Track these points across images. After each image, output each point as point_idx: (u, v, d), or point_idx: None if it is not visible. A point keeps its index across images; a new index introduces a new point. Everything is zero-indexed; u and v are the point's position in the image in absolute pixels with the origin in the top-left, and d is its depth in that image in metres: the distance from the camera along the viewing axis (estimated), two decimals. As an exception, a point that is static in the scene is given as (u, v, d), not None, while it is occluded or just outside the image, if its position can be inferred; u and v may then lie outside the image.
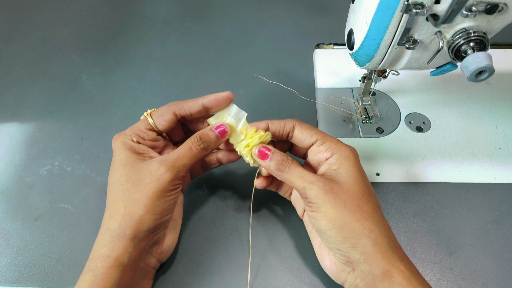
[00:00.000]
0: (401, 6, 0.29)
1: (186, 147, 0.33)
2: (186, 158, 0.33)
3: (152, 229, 0.31)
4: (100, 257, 0.30)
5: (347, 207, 0.29)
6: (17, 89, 0.54)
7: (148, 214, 0.31)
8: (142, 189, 0.31)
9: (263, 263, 0.37)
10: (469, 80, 0.29)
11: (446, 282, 0.36)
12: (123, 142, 0.34)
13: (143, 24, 0.62)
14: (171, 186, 0.32)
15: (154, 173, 0.31)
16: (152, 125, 0.35)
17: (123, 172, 0.32)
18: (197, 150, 0.33)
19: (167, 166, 0.32)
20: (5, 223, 0.41)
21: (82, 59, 0.57)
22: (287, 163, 0.32)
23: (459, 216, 0.40)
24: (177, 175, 0.32)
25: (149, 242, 0.32)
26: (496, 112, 0.48)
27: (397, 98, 0.50)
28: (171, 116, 0.35)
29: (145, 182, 0.31)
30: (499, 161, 0.44)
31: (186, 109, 0.35)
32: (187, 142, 0.33)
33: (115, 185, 0.32)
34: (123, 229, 0.30)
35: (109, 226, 0.31)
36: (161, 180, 0.31)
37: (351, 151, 0.33)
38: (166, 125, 0.35)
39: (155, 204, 0.31)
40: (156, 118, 0.35)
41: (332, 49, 0.57)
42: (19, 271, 0.38)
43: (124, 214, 0.31)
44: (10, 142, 0.48)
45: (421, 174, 0.43)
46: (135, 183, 0.31)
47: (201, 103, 0.35)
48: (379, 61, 0.35)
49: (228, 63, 0.56)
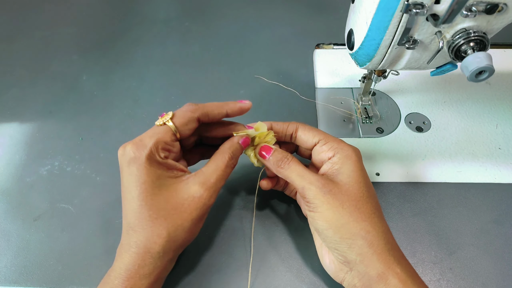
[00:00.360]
0: (401, 6, 0.29)
1: (222, 166, 0.32)
2: (222, 177, 0.32)
3: (185, 243, 0.32)
4: (141, 275, 0.29)
5: (344, 208, 0.29)
6: (17, 89, 0.54)
7: (190, 236, 0.32)
8: (185, 216, 0.30)
9: (264, 263, 0.37)
10: (469, 80, 0.29)
11: (446, 282, 0.36)
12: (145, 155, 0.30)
13: (143, 24, 0.62)
14: (210, 205, 0.32)
15: (198, 199, 0.31)
16: (177, 134, 0.32)
17: (160, 195, 0.30)
18: (230, 168, 0.33)
19: (210, 191, 0.31)
20: (5, 223, 0.41)
21: (82, 59, 0.57)
22: (286, 159, 0.33)
23: (459, 216, 0.40)
24: (216, 194, 0.32)
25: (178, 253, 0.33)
26: (496, 112, 0.48)
27: (397, 98, 0.50)
28: (196, 124, 0.33)
29: (189, 209, 0.30)
30: (499, 161, 0.44)
31: (211, 117, 0.33)
32: (223, 160, 0.32)
33: (151, 208, 0.29)
34: (166, 252, 0.30)
35: (150, 250, 0.29)
36: (206, 205, 0.31)
37: (354, 151, 0.33)
38: (190, 134, 0.33)
39: (197, 226, 0.32)
40: (180, 126, 0.32)
41: (332, 49, 0.57)
42: (19, 271, 0.38)
43: (168, 240, 0.30)
44: (10, 142, 0.48)
45: (421, 174, 0.43)
46: (177, 207, 0.30)
47: (226, 111, 0.34)
48: (379, 61, 0.35)
49: (228, 63, 0.56)
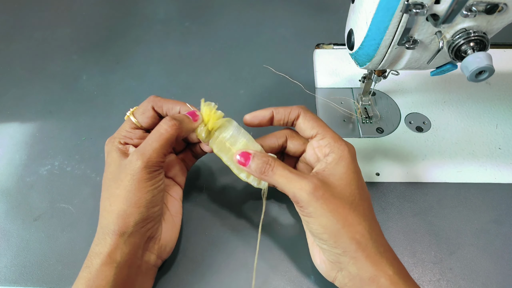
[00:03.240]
0: (401, 6, 0.29)
1: (154, 133, 0.32)
2: (155, 143, 0.31)
3: (139, 223, 0.31)
4: (95, 254, 0.30)
5: (338, 213, 0.29)
6: (17, 89, 0.54)
7: (132, 208, 0.30)
8: (120, 184, 0.31)
9: (263, 263, 0.37)
10: (469, 80, 0.29)
11: (446, 282, 0.36)
12: (111, 145, 0.34)
13: (143, 24, 0.62)
14: (146, 174, 0.31)
15: (128, 166, 0.31)
16: (136, 123, 0.35)
17: (108, 171, 0.33)
18: (166, 132, 0.31)
19: (137, 154, 0.31)
20: (5, 223, 0.41)
21: (82, 59, 0.57)
22: (269, 165, 0.31)
23: (459, 216, 0.40)
24: (150, 162, 0.31)
25: (142, 238, 0.32)
26: (496, 112, 0.48)
27: (397, 98, 0.50)
28: (152, 112, 0.35)
29: (122, 176, 0.31)
30: (499, 161, 0.44)
31: (165, 109, 0.35)
32: (157, 127, 0.32)
33: (103, 185, 0.33)
34: (111, 225, 0.30)
35: (101, 223, 0.31)
36: (135, 171, 0.30)
37: (349, 150, 0.32)
38: (149, 121, 0.35)
39: (136, 197, 0.30)
40: (138, 116, 0.35)
41: (332, 49, 0.57)
42: (19, 271, 0.38)
43: (110, 211, 0.31)
44: (10, 142, 0.48)
45: (421, 174, 0.43)
46: (115, 178, 0.31)
47: (178, 110, 0.35)
48: (379, 61, 0.35)
49: (227, 63, 0.56)
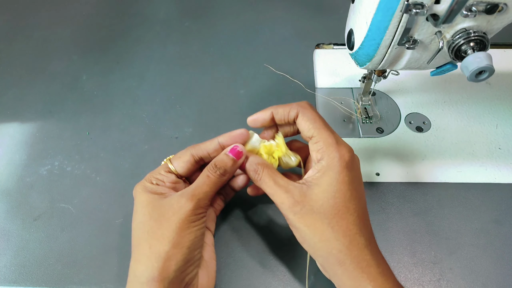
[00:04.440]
0: (401, 6, 0.29)
1: (203, 176, 0.33)
2: (205, 186, 0.32)
3: (181, 266, 0.30)
4: None
5: (315, 228, 0.28)
6: (17, 89, 0.54)
7: (175, 249, 0.29)
8: (165, 224, 0.30)
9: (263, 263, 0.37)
10: (469, 80, 0.29)
11: (446, 282, 0.36)
12: (143, 186, 0.33)
13: (143, 24, 0.62)
14: (194, 215, 0.31)
15: (176, 205, 0.30)
16: (172, 168, 0.34)
17: (145, 212, 0.31)
18: (214, 177, 0.32)
19: (187, 196, 0.31)
20: (5, 223, 0.41)
21: (82, 59, 0.57)
22: (257, 174, 0.31)
23: (459, 216, 0.40)
24: (199, 204, 0.31)
25: (181, 284, 0.30)
26: (496, 112, 0.48)
27: (397, 98, 0.50)
28: (189, 157, 0.34)
29: (167, 216, 0.30)
30: (499, 161, 0.44)
31: (203, 149, 0.34)
32: (204, 171, 0.33)
33: (138, 227, 0.31)
34: (150, 271, 0.29)
35: (136, 272, 0.30)
36: (183, 210, 0.30)
37: (340, 157, 0.30)
38: (185, 167, 0.34)
39: (180, 237, 0.30)
40: (174, 161, 0.35)
41: (332, 49, 0.57)
42: (19, 270, 0.38)
43: (149, 255, 0.29)
44: (10, 142, 0.48)
45: (421, 174, 0.43)
46: (158, 219, 0.30)
47: (217, 142, 0.34)
48: (379, 61, 0.35)
49: (228, 63, 0.56)
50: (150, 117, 0.50)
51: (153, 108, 0.51)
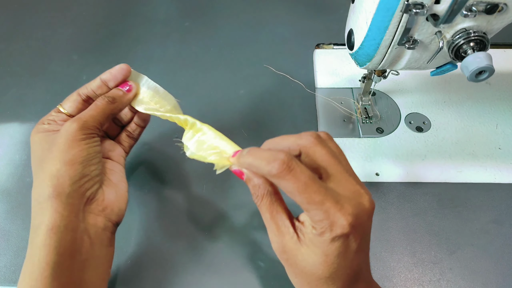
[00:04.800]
0: (401, 6, 0.29)
1: (92, 105, 0.34)
2: (91, 111, 0.34)
3: (76, 181, 0.30)
4: (33, 228, 0.29)
5: (301, 282, 0.26)
6: (17, 89, 0.54)
7: (66, 166, 0.30)
8: (54, 148, 0.31)
9: (263, 263, 0.37)
10: (469, 80, 0.29)
11: (446, 282, 0.36)
12: (36, 129, 0.35)
13: (143, 24, 0.62)
14: (81, 135, 0.32)
15: (62, 130, 0.32)
16: (61, 110, 0.36)
17: (38, 148, 0.33)
18: (102, 103, 0.34)
19: (72, 120, 0.32)
20: (5, 223, 0.41)
21: (82, 59, 0.57)
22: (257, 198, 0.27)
23: (459, 216, 0.40)
24: (85, 125, 0.32)
25: (81, 199, 0.31)
26: (496, 112, 0.48)
27: (397, 98, 0.50)
28: (76, 96, 0.36)
29: (56, 141, 0.32)
30: (499, 161, 0.44)
31: (88, 87, 0.36)
32: (93, 103, 0.35)
33: (34, 163, 0.33)
34: (46, 190, 0.29)
35: (35, 196, 0.31)
36: (69, 131, 0.31)
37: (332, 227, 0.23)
38: (73, 105, 0.36)
39: (70, 154, 0.31)
40: (64, 103, 0.36)
41: (332, 49, 0.57)
42: (19, 270, 0.38)
43: (43, 177, 0.30)
44: (10, 142, 0.48)
45: (421, 174, 0.43)
46: (49, 148, 0.32)
47: (99, 79, 0.36)
48: (379, 61, 0.35)
49: (228, 63, 0.56)
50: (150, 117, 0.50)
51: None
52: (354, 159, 0.44)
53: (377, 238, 0.38)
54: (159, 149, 0.46)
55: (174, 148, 0.46)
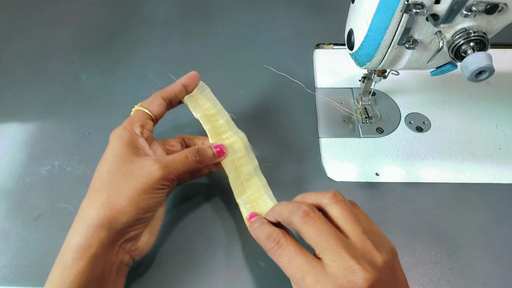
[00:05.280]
0: (401, 6, 0.29)
1: (182, 154, 0.34)
2: (180, 163, 0.33)
3: (131, 222, 0.31)
4: (72, 247, 0.29)
5: None
6: (17, 89, 0.54)
7: (130, 207, 0.30)
8: (130, 181, 0.31)
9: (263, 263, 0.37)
10: (469, 80, 0.29)
11: (446, 282, 0.36)
12: (119, 134, 0.33)
13: (143, 24, 0.62)
14: (160, 184, 0.32)
15: (147, 168, 0.31)
16: (148, 113, 0.36)
17: (115, 163, 0.32)
18: (192, 160, 0.34)
19: (160, 164, 0.32)
20: (5, 223, 0.41)
21: (82, 59, 0.57)
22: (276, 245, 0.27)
23: (459, 216, 0.40)
24: (168, 176, 0.32)
25: (124, 236, 0.31)
26: (496, 112, 0.48)
27: (397, 98, 0.50)
28: (161, 101, 0.36)
29: (135, 175, 0.31)
30: (499, 161, 0.44)
31: (170, 92, 0.37)
32: (185, 151, 0.34)
33: (103, 175, 0.32)
34: (100, 217, 0.29)
35: (85, 215, 0.30)
36: (152, 176, 0.31)
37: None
38: (160, 110, 0.36)
39: (140, 198, 0.31)
40: (149, 107, 0.36)
41: (332, 49, 0.57)
42: (19, 270, 0.38)
43: (105, 203, 0.30)
44: (10, 142, 0.48)
45: (421, 174, 0.43)
46: (125, 174, 0.31)
47: (180, 84, 0.37)
48: (379, 61, 0.35)
49: (228, 63, 0.56)
50: (150, 117, 0.50)
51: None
52: (354, 159, 0.44)
53: (377, 238, 0.38)
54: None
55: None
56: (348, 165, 0.44)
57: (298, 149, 0.46)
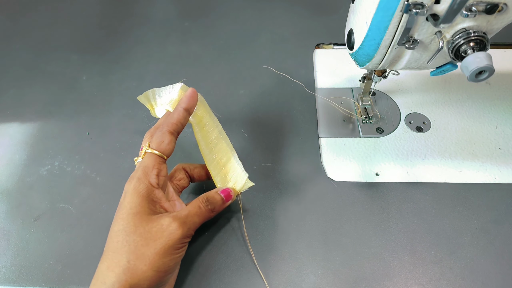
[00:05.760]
0: (401, 6, 0.29)
1: (195, 206, 0.34)
2: (196, 217, 0.33)
3: (152, 287, 0.30)
4: None
5: None
6: (17, 89, 0.54)
7: (152, 271, 0.29)
8: (150, 243, 0.29)
9: (263, 263, 0.37)
10: (469, 80, 0.29)
11: (446, 282, 0.36)
12: (135, 188, 0.32)
13: (143, 24, 0.62)
14: (180, 243, 0.31)
15: (166, 228, 0.30)
16: (162, 155, 0.34)
17: (131, 222, 0.30)
18: (204, 210, 0.34)
19: (179, 222, 0.31)
20: (5, 223, 0.41)
21: (81, 59, 0.57)
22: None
23: (459, 216, 0.40)
24: (188, 233, 0.32)
25: None
26: (496, 112, 0.48)
27: (397, 98, 0.50)
28: (171, 137, 0.34)
29: (154, 237, 0.30)
30: (499, 161, 0.44)
31: (177, 123, 0.35)
32: (196, 201, 0.34)
33: (120, 235, 0.30)
34: (121, 283, 0.28)
35: (106, 280, 0.29)
36: (172, 236, 0.30)
37: None
38: (170, 148, 0.34)
39: (161, 261, 0.30)
40: (160, 148, 0.34)
41: (332, 49, 0.57)
42: (19, 271, 0.38)
43: (125, 268, 0.29)
44: (10, 142, 0.48)
45: (421, 174, 0.43)
46: (143, 235, 0.30)
47: (182, 109, 0.35)
48: (379, 61, 0.35)
49: (227, 63, 0.56)
50: (150, 117, 0.50)
51: (153, 108, 0.51)
52: (354, 159, 0.44)
53: (377, 238, 0.38)
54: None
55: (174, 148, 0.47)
56: (348, 165, 0.44)
57: (298, 149, 0.46)
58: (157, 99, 0.39)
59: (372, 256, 0.37)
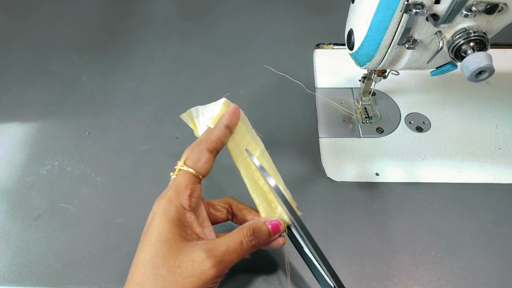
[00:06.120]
0: (401, 6, 0.29)
1: (236, 241, 0.29)
2: (235, 254, 0.29)
3: None
4: None
5: None
6: (17, 89, 0.54)
7: None
8: (179, 281, 0.27)
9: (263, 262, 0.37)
10: (469, 80, 0.29)
11: (446, 282, 0.36)
12: (164, 210, 0.29)
13: (143, 24, 0.62)
14: (212, 283, 0.28)
15: (198, 265, 0.27)
16: (197, 174, 0.31)
17: (160, 252, 0.27)
18: (247, 246, 0.29)
19: (214, 260, 0.27)
20: (5, 223, 0.41)
21: (82, 59, 0.57)
22: None
23: (459, 216, 0.40)
24: (222, 272, 0.28)
25: None
26: (496, 112, 0.48)
27: (397, 98, 0.50)
28: (209, 155, 0.31)
29: (184, 274, 0.27)
30: (499, 161, 0.44)
31: (217, 141, 0.32)
32: (238, 234, 0.30)
33: (147, 265, 0.27)
34: None
35: None
36: (204, 276, 0.27)
37: None
38: (208, 167, 0.31)
39: None
40: (196, 166, 0.31)
41: (332, 49, 0.57)
42: (19, 270, 0.38)
43: None
44: (10, 142, 0.48)
45: (421, 174, 0.43)
46: (172, 270, 0.27)
47: (223, 126, 0.32)
48: (379, 61, 0.35)
49: (228, 63, 0.56)
50: (150, 117, 0.50)
51: (153, 108, 0.51)
52: (354, 159, 0.44)
53: (377, 238, 0.38)
54: (159, 148, 0.47)
55: (174, 148, 0.47)
56: (348, 165, 0.44)
57: (298, 149, 0.46)
58: (200, 117, 0.35)
59: (372, 256, 0.37)
